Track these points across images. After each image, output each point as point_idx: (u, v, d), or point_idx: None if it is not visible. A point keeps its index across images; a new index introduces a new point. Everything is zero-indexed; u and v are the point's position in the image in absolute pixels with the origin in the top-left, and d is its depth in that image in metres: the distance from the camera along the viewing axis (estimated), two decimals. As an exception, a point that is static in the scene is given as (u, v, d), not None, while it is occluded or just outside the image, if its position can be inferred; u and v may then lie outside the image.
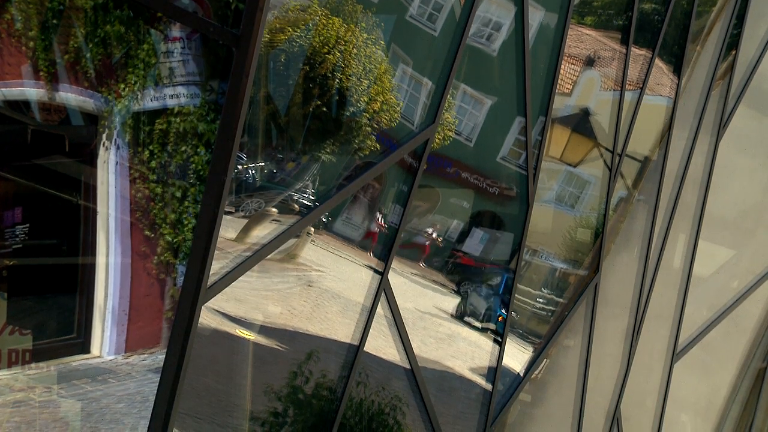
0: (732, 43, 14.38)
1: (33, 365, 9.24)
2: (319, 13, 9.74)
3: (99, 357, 9.30)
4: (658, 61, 13.29)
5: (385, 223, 10.76)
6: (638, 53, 13.03)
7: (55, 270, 9.51)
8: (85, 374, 9.26)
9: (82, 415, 9.23)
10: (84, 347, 9.31)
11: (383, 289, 10.41)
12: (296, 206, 10.01)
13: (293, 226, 9.78)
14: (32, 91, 9.10)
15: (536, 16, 11.62)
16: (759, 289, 15.16)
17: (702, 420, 14.89)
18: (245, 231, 9.34)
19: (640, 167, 13.42)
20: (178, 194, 9.02)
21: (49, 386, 9.27)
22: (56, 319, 9.45)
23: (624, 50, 12.90)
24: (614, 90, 12.90)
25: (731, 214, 14.55)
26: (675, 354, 13.97)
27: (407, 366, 10.80)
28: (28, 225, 9.29)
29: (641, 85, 13.12)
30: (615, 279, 13.03)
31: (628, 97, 12.96)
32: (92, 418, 9.23)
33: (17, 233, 9.28)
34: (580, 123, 12.82)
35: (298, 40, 9.64)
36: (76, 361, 9.32)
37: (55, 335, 9.41)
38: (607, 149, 12.96)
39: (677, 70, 13.57)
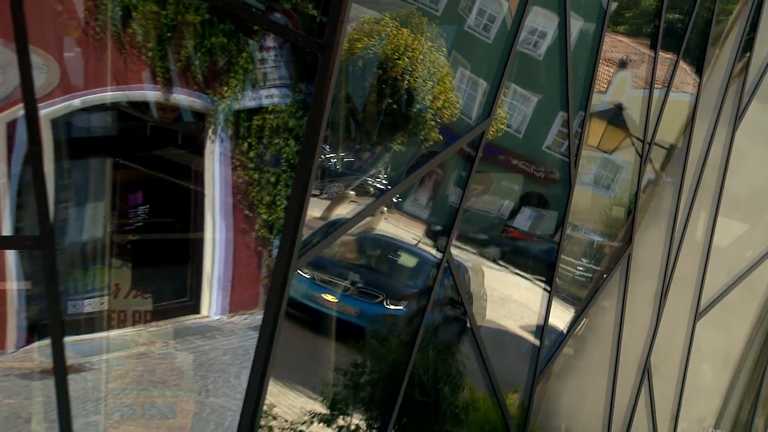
0: (746, 45, 14.33)
1: (153, 323, 9.37)
2: (390, 24, 9.84)
3: (207, 317, 9.39)
4: (682, 63, 13.29)
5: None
6: (665, 56, 13.03)
7: (170, 244, 9.61)
8: (196, 331, 9.38)
9: (194, 365, 9.37)
10: (195, 308, 9.41)
11: (446, 260, 10.51)
12: (371, 189, 10.13)
13: (369, 206, 9.94)
14: (151, 93, 9.21)
15: (576, 25, 11.65)
16: (768, 259, 15.17)
17: (721, 370, 14.88)
18: (328, 210, 9.49)
19: (666, 153, 13.42)
20: (272, 179, 9.08)
21: (166, 341, 9.41)
22: (171, 285, 9.56)
23: (652, 54, 12.91)
24: (644, 88, 12.89)
25: (745, 194, 14.52)
26: (697, 313, 13.96)
27: (466, 325, 10.85)
28: (147, 206, 9.41)
29: (667, 84, 13.12)
30: (645, 249, 13.04)
31: (657, 94, 12.97)
32: (202, 368, 9.38)
33: (139, 213, 9.41)
34: (615, 116, 12.84)
35: (372, 48, 9.76)
36: (189, 320, 9.44)
37: (171, 298, 9.52)
38: (637, 138, 12.96)
39: (699, 70, 13.56)
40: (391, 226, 10.43)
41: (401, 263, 10.87)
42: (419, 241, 10.79)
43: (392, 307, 10.38)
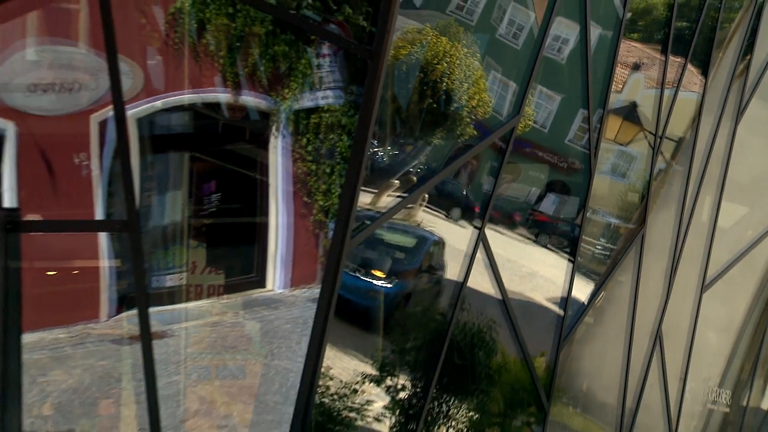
0: (747, 49, 14.24)
1: (224, 296, 9.46)
2: (431, 33, 9.85)
3: (272, 290, 9.45)
4: (689, 65, 13.24)
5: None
6: (674, 59, 12.98)
7: (239, 227, 9.69)
8: (262, 303, 9.46)
9: (260, 333, 9.44)
10: (261, 283, 9.48)
11: (481, 240, 10.54)
12: (413, 179, 10.18)
13: (411, 194, 10.00)
14: (222, 95, 9.31)
15: (595, 33, 11.63)
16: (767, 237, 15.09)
17: (724, 336, 14.83)
18: (376, 197, 9.53)
19: (675, 145, 13.37)
20: (328, 170, 9.13)
21: (236, 312, 9.49)
22: (240, 263, 9.65)
23: (663, 57, 12.86)
24: (655, 88, 12.85)
25: (746, 180, 14.44)
26: (703, 286, 13.91)
27: (499, 297, 10.88)
28: (219, 194, 9.50)
29: (676, 84, 13.07)
30: (657, 230, 13.01)
31: (667, 93, 12.92)
32: (268, 335, 9.46)
33: (212, 200, 9.50)
34: (629, 113, 12.80)
35: (415, 54, 9.78)
36: (255, 293, 9.52)
37: (240, 274, 9.60)
38: (650, 132, 12.92)
39: (704, 71, 13.50)
40: (431, 211, 10.45)
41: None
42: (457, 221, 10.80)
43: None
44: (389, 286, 10.06)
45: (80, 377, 9.05)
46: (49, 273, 9.02)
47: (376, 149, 9.35)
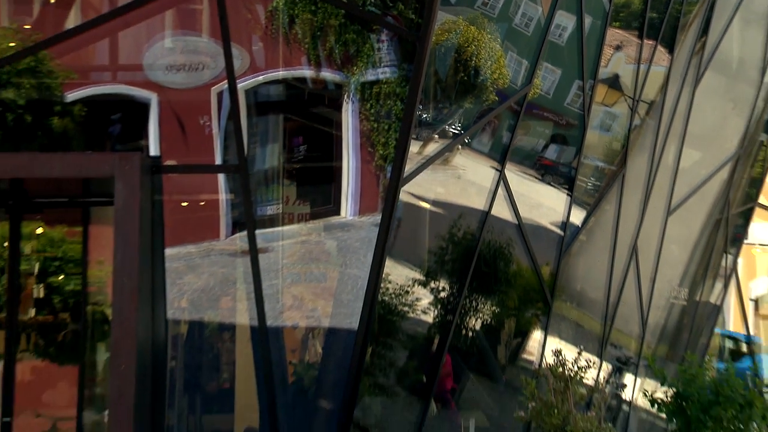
0: (703, 32, 13.96)
1: (310, 221, 9.46)
2: (462, 24, 9.76)
3: (344, 217, 9.37)
4: (659, 46, 13.02)
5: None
6: (647, 42, 12.78)
7: (320, 170, 9.60)
8: (338, 226, 9.42)
9: (336, 248, 9.46)
10: (336, 212, 9.40)
11: (501, 179, 10.51)
12: (450, 133, 10.14)
13: (448, 144, 9.97)
14: (307, 71, 9.26)
15: (587, 22, 11.48)
16: (717, 175, 14.89)
17: (683, 249, 14.74)
18: (422, 147, 9.52)
19: (648, 106, 13.17)
20: (386, 127, 9.05)
21: (318, 233, 9.48)
22: (321, 197, 9.61)
23: (639, 40, 12.67)
24: (633, 63, 12.67)
25: (701, 132, 14.22)
26: (668, 212, 13.78)
27: (515, 222, 10.85)
28: (306, 145, 9.48)
29: (649, 60, 12.87)
30: (634, 171, 12.86)
31: (642, 67, 12.73)
32: (342, 250, 9.41)
33: (300, 150, 9.47)
34: (613, 82, 12.64)
35: (451, 39, 9.70)
36: (333, 219, 9.45)
37: (321, 205, 9.57)
38: (629, 96, 12.75)
39: (670, 50, 13.25)
40: (463, 159, 10.41)
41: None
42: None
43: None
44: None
45: (206, 280, 9.19)
46: (183, 204, 9.13)
47: (421, 111, 9.27)
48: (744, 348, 18.67)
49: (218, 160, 9.17)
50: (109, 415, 7.96)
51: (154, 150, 8.97)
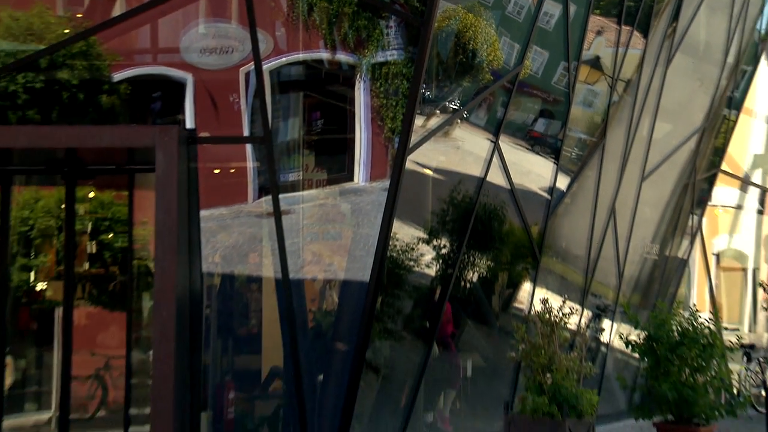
0: (674, 17, 13.75)
1: (327, 187, 9.39)
2: (461, 11, 9.66)
3: (357, 183, 9.31)
4: (635, 31, 12.86)
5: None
6: (625, 28, 12.63)
7: (335, 140, 9.51)
8: (351, 191, 9.39)
9: (350, 211, 9.41)
10: (350, 178, 9.37)
11: (496, 149, 10.47)
12: (450, 109, 10.07)
13: (449, 118, 9.92)
14: (324, 54, 9.19)
15: (572, 9, 11.35)
16: (685, 145, 14.76)
17: (655, 210, 14.66)
18: (425, 121, 9.44)
19: (625, 84, 13.03)
20: (393, 103, 8.97)
21: (334, 197, 9.34)
22: (337, 164, 9.55)
23: (617, 26, 12.53)
24: (612, 47, 12.54)
25: (672, 106, 14.08)
26: (643, 177, 13.70)
27: (508, 187, 10.82)
28: (323, 119, 9.43)
29: (626, 44, 12.72)
30: (612, 141, 12.72)
31: (621, 50, 12.59)
32: (355, 212, 9.32)
33: (318, 123, 9.37)
34: (595, 63, 12.52)
35: (452, 25, 9.61)
36: (347, 185, 9.43)
37: (337, 172, 9.54)
38: (608, 76, 12.63)
39: (645, 35, 13.09)
40: (462, 131, 10.34)
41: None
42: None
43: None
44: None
45: (236, 238, 9.20)
46: (215, 171, 9.12)
47: (425, 89, 9.21)
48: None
49: (246, 133, 9.15)
50: (153, 354, 8.08)
51: (189, 123, 8.96)
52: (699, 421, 9.65)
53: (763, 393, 13.86)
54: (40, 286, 9.74)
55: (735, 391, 13.42)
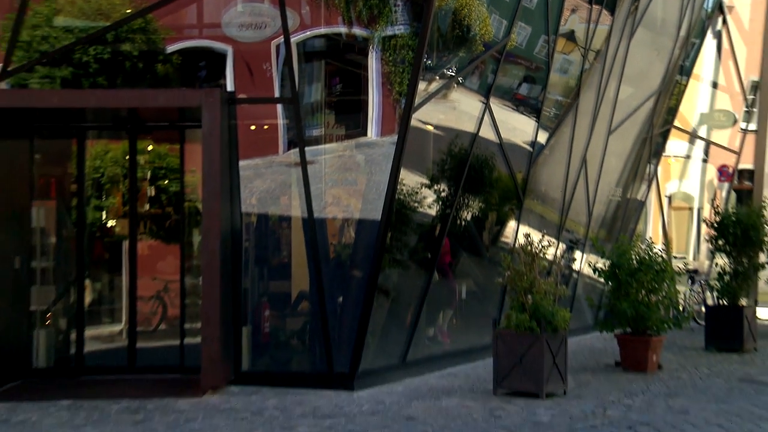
0: (638, -3, 13.57)
1: (345, 141, 9.28)
2: (458, -9, 9.54)
3: (370, 137, 9.18)
4: (603, 9, 12.66)
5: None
6: (596, 7, 12.45)
7: (351, 101, 9.32)
8: (365, 144, 9.31)
9: (365, 161, 9.34)
10: (364, 133, 9.27)
11: (487, 108, 10.42)
12: (448, 75, 9.96)
13: (447, 82, 9.83)
14: (342, 29, 9.09)
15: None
16: (644, 105, 14.66)
17: (620, 160, 14.61)
18: (428, 84, 9.33)
19: (595, 54, 12.88)
20: (400, 70, 8.86)
21: (351, 150, 9.33)
22: (353, 121, 9.41)
23: (589, 6, 12.37)
24: (585, 23, 12.37)
25: (633, 73, 13.94)
26: (609, 131, 13.65)
27: (497, 141, 10.78)
28: (341, 84, 9.25)
29: (596, 20, 12.54)
30: (585, 101, 12.64)
31: (592, 26, 12.41)
32: (368, 162, 9.22)
33: (337, 87, 9.24)
34: (570, 36, 12.36)
35: (450, 3, 9.49)
36: (361, 139, 9.33)
37: (353, 128, 9.41)
38: (581, 47, 12.49)
39: (612, 12, 12.89)
40: (458, 94, 10.26)
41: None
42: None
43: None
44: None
45: (269, 184, 9.22)
46: (252, 128, 9.13)
47: (427, 59, 9.10)
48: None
49: (276, 95, 9.14)
50: (203, 279, 8.24)
51: (230, 87, 8.95)
52: (651, 332, 9.92)
53: (703, 309, 14.12)
54: (110, 223, 9.88)
55: (681, 308, 13.63)
